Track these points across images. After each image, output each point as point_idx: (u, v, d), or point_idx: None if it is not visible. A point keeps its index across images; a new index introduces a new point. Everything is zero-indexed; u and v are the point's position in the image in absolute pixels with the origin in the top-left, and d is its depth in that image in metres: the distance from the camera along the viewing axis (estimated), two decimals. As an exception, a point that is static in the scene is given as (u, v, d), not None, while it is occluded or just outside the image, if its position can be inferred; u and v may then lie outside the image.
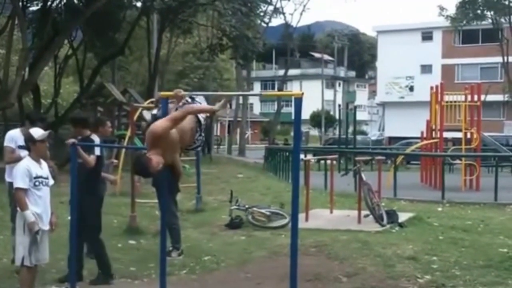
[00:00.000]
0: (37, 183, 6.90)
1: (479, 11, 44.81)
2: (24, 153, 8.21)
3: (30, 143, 7.09)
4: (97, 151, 8.26)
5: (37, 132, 7.13)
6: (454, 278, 8.07)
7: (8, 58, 24.24)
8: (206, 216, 13.78)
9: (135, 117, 15.64)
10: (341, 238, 10.49)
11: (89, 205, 8.02)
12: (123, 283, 8.25)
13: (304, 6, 52.92)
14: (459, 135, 22.97)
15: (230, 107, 54.18)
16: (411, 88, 60.30)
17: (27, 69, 25.13)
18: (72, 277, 7.64)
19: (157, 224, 9.40)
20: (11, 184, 8.24)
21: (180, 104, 6.24)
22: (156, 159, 5.58)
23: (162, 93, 7.00)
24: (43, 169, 7.06)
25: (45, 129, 7.50)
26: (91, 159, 8.11)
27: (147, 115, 8.83)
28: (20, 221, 6.89)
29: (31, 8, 30.43)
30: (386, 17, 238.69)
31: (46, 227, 7.01)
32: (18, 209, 6.99)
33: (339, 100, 79.35)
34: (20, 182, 6.84)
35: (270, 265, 8.97)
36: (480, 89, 22.83)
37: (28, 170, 6.88)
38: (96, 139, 8.45)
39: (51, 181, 7.13)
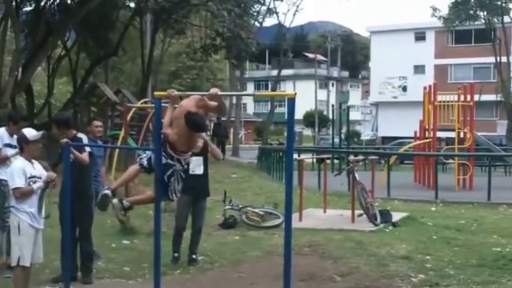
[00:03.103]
0: (31, 183, 6.90)
1: (471, 11, 44.88)
2: (10, 151, 8.20)
3: (23, 143, 7.08)
4: (87, 148, 8.27)
5: (30, 132, 7.12)
6: (447, 277, 8.10)
7: (1, 58, 24.13)
8: (200, 216, 13.74)
9: (128, 117, 15.58)
10: (334, 238, 10.50)
11: (81, 206, 8.02)
12: (117, 283, 8.25)
13: (297, 6, 52.82)
14: (452, 135, 23.03)
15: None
16: (404, 88, 60.36)
17: (20, 69, 25.05)
18: (66, 277, 7.63)
19: (151, 224, 9.38)
20: None
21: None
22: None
23: (156, 93, 7.01)
24: (35, 169, 7.07)
25: (27, 127, 7.52)
26: (84, 155, 8.12)
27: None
28: (15, 221, 6.89)
29: (24, 9, 30.33)
30: (379, 17, 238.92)
31: (41, 226, 7.01)
32: (12, 209, 6.99)
33: (332, 100, 79.41)
34: (17, 181, 6.85)
35: (263, 265, 8.98)
36: (473, 89, 22.89)
37: (24, 169, 6.89)
38: (83, 137, 8.43)
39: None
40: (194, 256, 9.24)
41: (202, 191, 9.09)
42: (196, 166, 8.84)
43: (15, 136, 8.09)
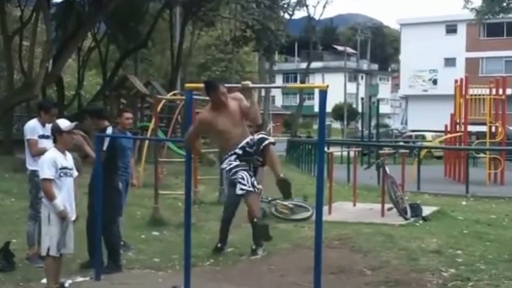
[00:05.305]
0: (62, 174, 6.91)
1: (505, 4, 44.23)
2: (43, 142, 8.22)
3: (57, 133, 7.09)
4: (105, 146, 8.03)
5: (64, 123, 7.14)
6: (479, 272, 7.99)
7: (33, 50, 24.40)
8: (229, 208, 13.76)
9: (158, 109, 15.67)
10: (364, 231, 10.43)
11: (106, 196, 8.01)
12: (147, 273, 8.29)
13: (328, -2, 52.52)
14: (483, 128, 22.77)
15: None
16: (435, 82, 59.85)
17: (51, 61, 25.30)
18: (96, 263, 7.67)
19: (181, 216, 9.41)
20: (32, 172, 8.24)
21: None
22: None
23: (187, 84, 7.01)
24: (67, 160, 7.08)
25: (59, 116, 7.54)
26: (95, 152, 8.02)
27: None
28: (45, 212, 6.92)
29: (55, 0, 30.60)
30: (409, 9, 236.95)
31: (73, 217, 7.05)
32: (43, 199, 7.03)
33: (361, 93, 79.07)
34: (47, 172, 6.85)
35: (293, 257, 8.95)
36: (505, 82, 22.60)
37: (54, 161, 6.89)
38: (110, 131, 8.36)
39: (75, 172, 7.15)
40: (254, 247, 9.19)
41: None
42: None
43: (47, 126, 8.10)
